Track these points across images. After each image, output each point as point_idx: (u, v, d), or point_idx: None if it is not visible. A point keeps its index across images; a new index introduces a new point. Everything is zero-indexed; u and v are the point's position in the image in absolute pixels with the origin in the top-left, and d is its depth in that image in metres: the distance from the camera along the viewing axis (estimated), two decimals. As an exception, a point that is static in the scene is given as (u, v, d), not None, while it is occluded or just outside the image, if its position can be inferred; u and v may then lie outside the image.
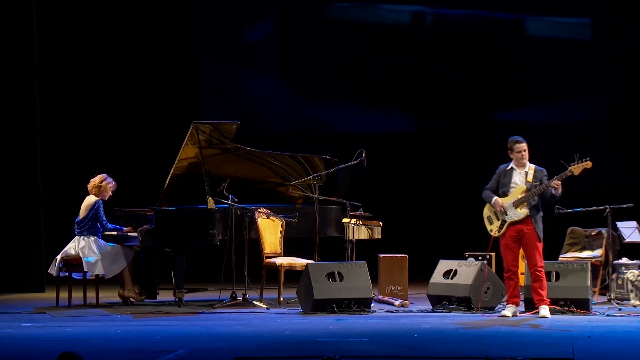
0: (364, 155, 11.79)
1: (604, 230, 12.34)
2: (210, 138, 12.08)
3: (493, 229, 10.92)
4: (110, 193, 12.01)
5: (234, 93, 16.59)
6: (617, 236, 12.42)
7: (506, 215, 10.81)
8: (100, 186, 11.92)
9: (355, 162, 11.94)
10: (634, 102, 15.99)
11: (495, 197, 10.88)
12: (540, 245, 10.81)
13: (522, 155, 10.85)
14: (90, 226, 11.83)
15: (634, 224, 12.36)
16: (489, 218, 10.97)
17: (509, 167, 10.96)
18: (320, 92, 16.77)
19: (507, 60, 16.42)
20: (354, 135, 16.14)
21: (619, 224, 12.34)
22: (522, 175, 10.86)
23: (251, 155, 12.46)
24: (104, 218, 11.88)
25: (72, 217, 12.00)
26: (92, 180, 11.99)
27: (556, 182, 10.66)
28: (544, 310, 10.71)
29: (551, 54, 16.29)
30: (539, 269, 10.76)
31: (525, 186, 10.79)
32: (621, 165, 15.64)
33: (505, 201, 10.84)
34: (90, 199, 11.91)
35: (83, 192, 12.08)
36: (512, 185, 10.88)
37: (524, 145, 10.86)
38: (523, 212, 10.75)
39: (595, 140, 15.41)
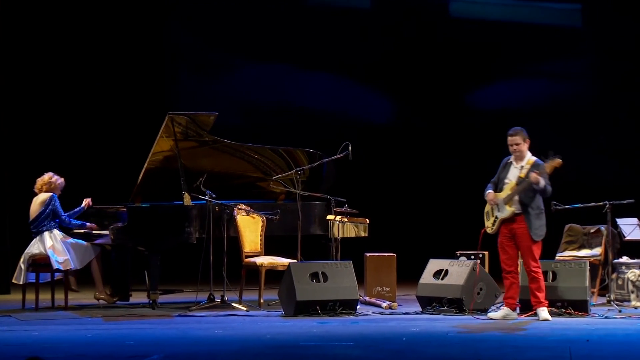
0: (350, 148, 11.77)
1: (603, 228, 12.27)
2: (187, 130, 12.02)
3: (488, 225, 10.76)
4: (59, 192, 11.95)
5: (214, 82, 16.63)
6: (617, 234, 12.37)
7: (498, 211, 10.63)
8: (50, 182, 11.89)
9: (340, 155, 11.90)
10: (634, 98, 16.08)
11: (489, 191, 10.68)
12: (534, 246, 10.52)
13: (514, 149, 10.57)
14: (47, 223, 11.71)
15: (634, 220, 12.33)
16: (486, 214, 10.81)
17: (510, 160, 10.71)
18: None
19: (496, 50, 16.55)
20: (340, 126, 16.22)
21: (619, 220, 12.28)
22: (518, 169, 10.60)
23: (230, 148, 12.37)
24: (62, 212, 11.83)
25: (37, 215, 12.04)
26: (39, 179, 11.89)
27: (534, 176, 10.29)
28: (544, 312, 10.52)
29: (548, 44, 16.49)
30: (534, 269, 10.57)
31: (514, 182, 10.54)
32: (621, 160, 15.79)
33: (499, 197, 10.63)
34: (43, 195, 11.87)
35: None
36: (506, 180, 10.66)
37: (512, 139, 10.53)
38: (510, 209, 10.53)
39: (595, 134, 15.59)
